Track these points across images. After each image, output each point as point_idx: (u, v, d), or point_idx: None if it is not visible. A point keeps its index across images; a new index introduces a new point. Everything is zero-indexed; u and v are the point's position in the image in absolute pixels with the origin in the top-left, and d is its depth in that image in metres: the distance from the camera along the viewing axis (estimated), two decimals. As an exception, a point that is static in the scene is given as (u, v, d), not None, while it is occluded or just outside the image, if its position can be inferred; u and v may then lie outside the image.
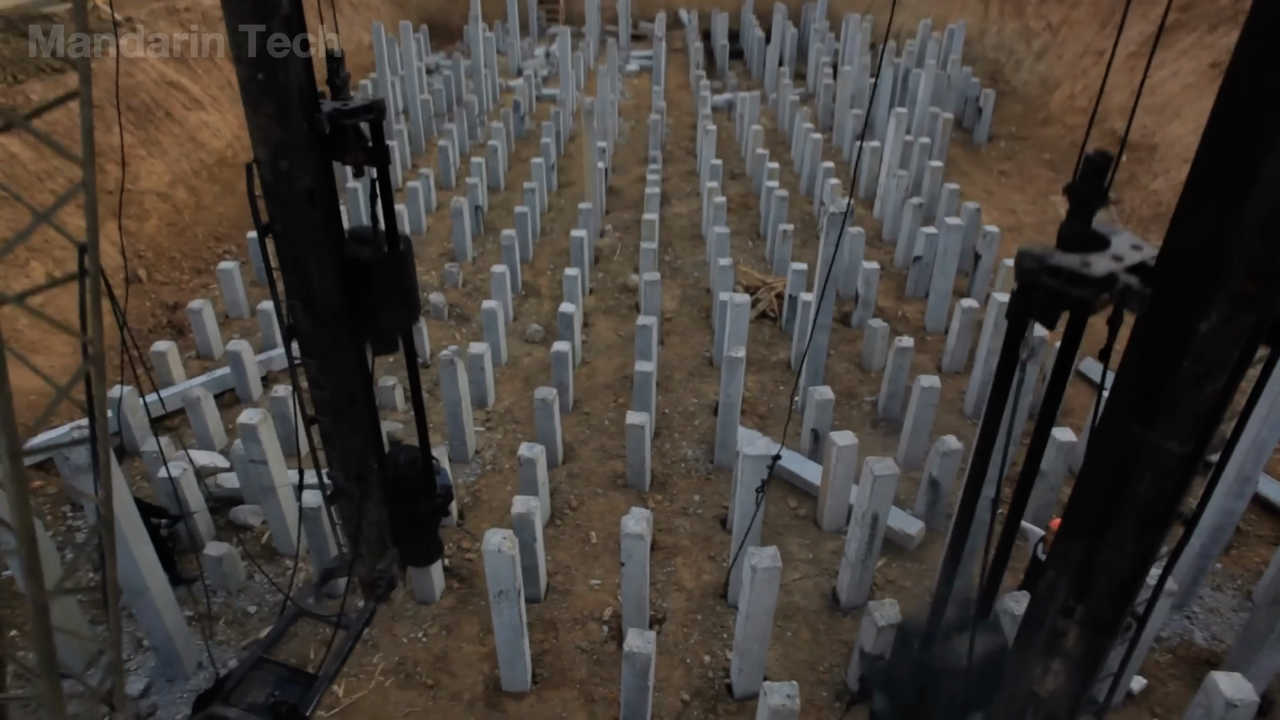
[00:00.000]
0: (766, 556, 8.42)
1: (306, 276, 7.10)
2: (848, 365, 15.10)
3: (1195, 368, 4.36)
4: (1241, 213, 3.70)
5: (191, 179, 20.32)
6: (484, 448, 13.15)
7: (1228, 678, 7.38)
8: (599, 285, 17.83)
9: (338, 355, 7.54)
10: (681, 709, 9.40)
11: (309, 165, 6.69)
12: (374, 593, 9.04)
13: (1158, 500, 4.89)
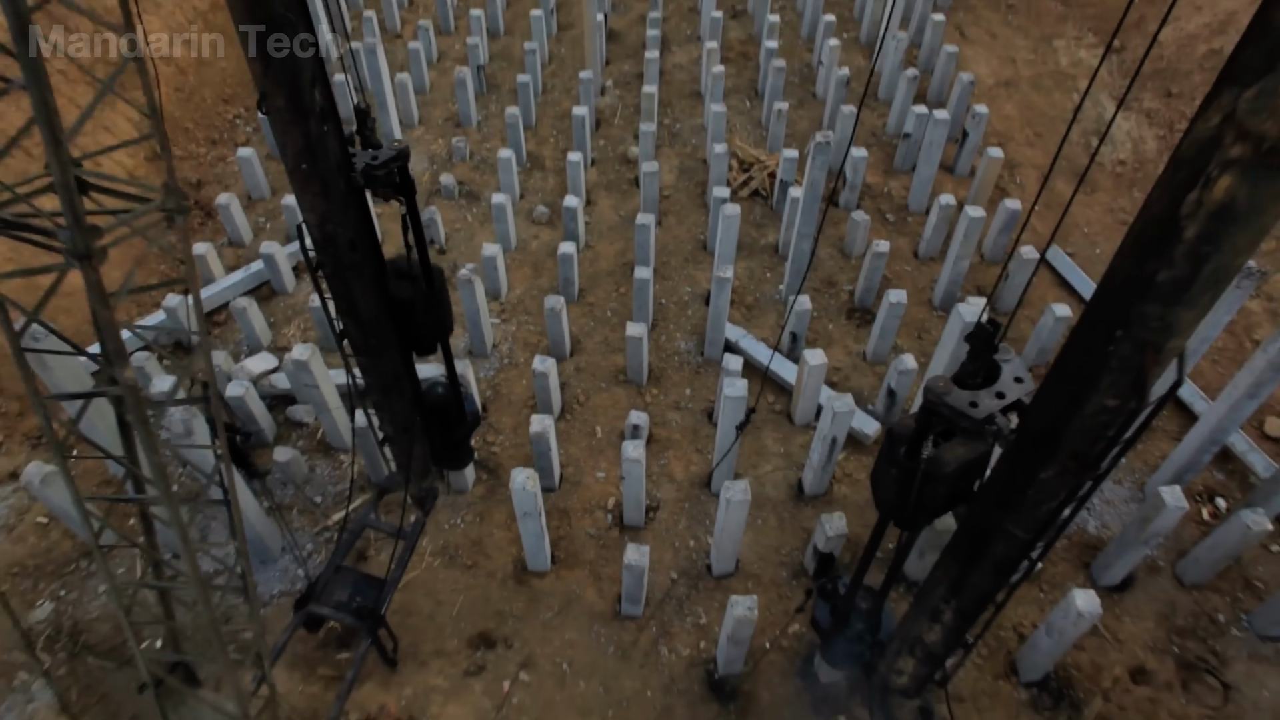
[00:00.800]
0: (739, 490, 10.42)
1: (354, 304, 8.53)
2: (831, 251, 16.31)
3: (1036, 494, 6.13)
4: (1072, 415, 5.28)
5: (188, 30, 20.21)
6: (500, 341, 14.81)
7: (1084, 594, 9.62)
8: (600, 155, 18.50)
9: (383, 355, 9.10)
10: (670, 585, 11.87)
11: (350, 221, 7.94)
12: (423, 506, 11.21)
13: (1006, 558, 6.82)
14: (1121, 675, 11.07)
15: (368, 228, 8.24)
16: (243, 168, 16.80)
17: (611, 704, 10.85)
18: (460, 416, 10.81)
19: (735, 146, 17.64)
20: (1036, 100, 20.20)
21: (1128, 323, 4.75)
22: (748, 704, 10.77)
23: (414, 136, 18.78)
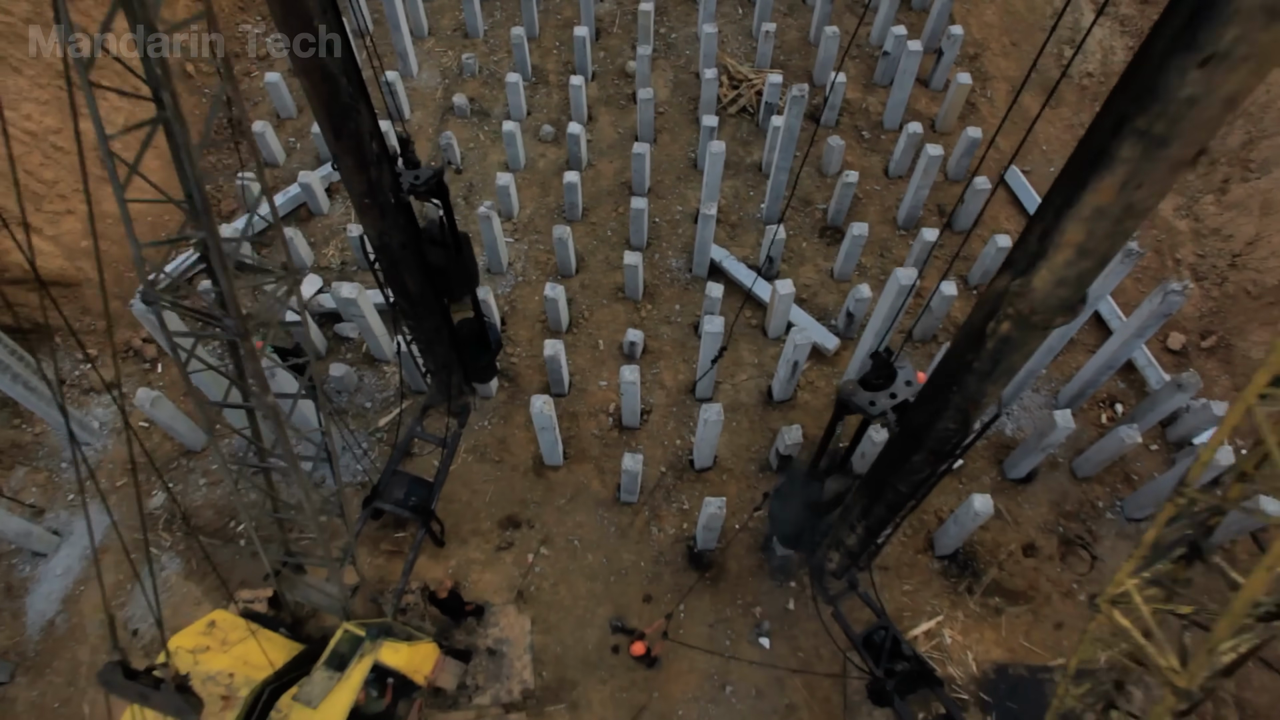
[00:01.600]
0: (714, 412, 12.94)
1: (404, 285, 10.78)
2: (809, 170, 17.99)
3: (910, 469, 8.68)
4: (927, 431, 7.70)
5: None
6: (515, 259, 16.88)
7: (981, 498, 12.34)
8: (600, 68, 19.67)
9: (426, 315, 11.39)
10: (660, 477, 14.66)
11: (400, 229, 10.08)
12: (460, 419, 13.81)
13: (895, 502, 9.48)
14: (1015, 550, 14.05)
15: (414, 232, 10.29)
16: (270, 92, 18.18)
17: (613, 571, 13.91)
18: (486, 345, 13.24)
19: (725, 62, 18.84)
20: (1018, 6, 21.00)
21: (958, 387, 7.06)
22: (720, 573, 13.82)
23: (425, 49, 19.89)
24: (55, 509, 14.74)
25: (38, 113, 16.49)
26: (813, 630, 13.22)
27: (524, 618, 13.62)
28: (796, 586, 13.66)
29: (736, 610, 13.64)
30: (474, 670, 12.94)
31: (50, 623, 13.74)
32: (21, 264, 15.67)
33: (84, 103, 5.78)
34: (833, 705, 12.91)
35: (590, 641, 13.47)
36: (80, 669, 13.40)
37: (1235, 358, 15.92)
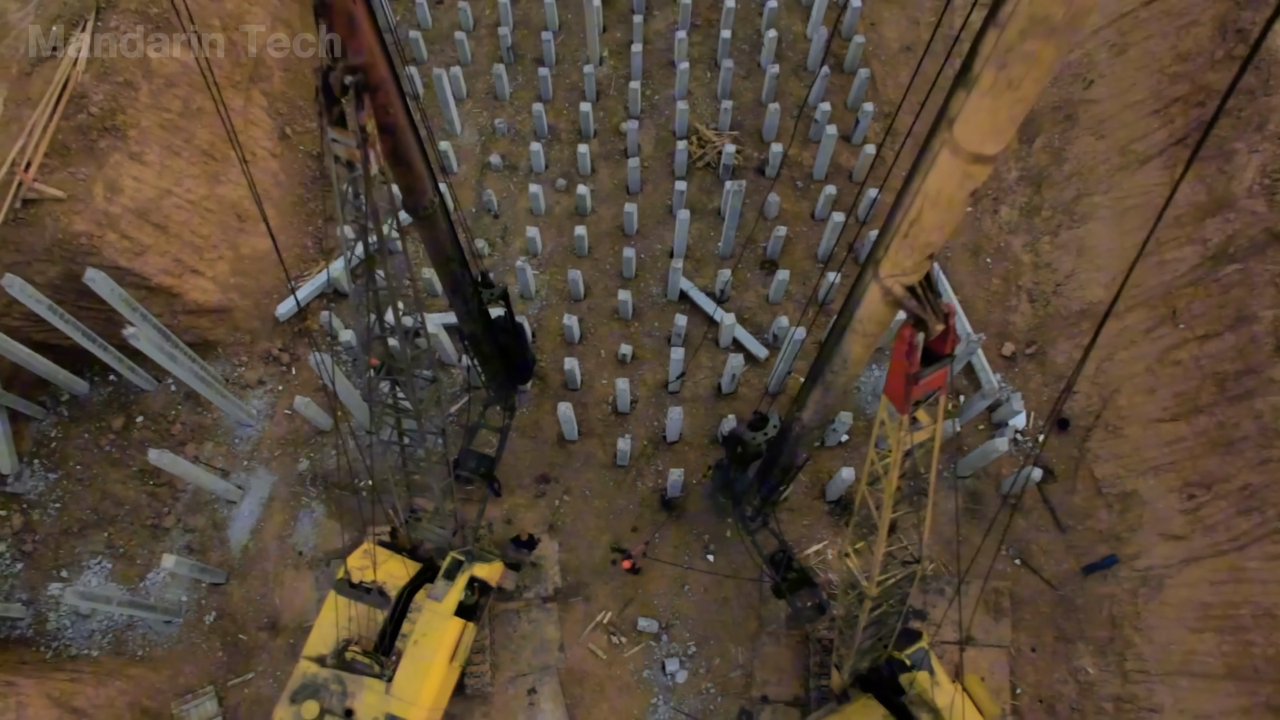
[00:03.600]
0: (676, 414, 19.80)
1: (480, 350, 17.45)
2: (754, 214, 24.21)
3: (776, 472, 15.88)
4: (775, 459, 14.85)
5: (277, 9, 26.27)
6: (540, 288, 23.40)
7: (848, 469, 19.29)
8: (600, 125, 25.60)
9: (491, 360, 18.12)
10: (643, 448, 21.64)
11: (478, 322, 16.65)
12: (511, 412, 20.67)
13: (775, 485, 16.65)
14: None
15: (488, 324, 16.91)
16: (355, 158, 24.24)
17: (612, 511, 21.06)
18: (529, 370, 20.07)
19: (695, 126, 24.82)
20: (929, 68, 26.59)
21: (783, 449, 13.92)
22: (682, 512, 20.97)
23: (465, 110, 25.79)
24: (236, 471, 21.83)
25: (194, 185, 22.69)
26: (740, 551, 20.44)
27: (554, 542, 20.88)
28: (732, 522, 20.82)
29: (692, 537, 20.88)
30: (523, 576, 20.25)
31: (245, 547, 21.03)
32: (196, 298, 22.26)
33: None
34: (752, 598, 20.28)
35: (597, 557, 20.76)
36: (268, 575, 20.76)
37: (1048, 361, 22.62)
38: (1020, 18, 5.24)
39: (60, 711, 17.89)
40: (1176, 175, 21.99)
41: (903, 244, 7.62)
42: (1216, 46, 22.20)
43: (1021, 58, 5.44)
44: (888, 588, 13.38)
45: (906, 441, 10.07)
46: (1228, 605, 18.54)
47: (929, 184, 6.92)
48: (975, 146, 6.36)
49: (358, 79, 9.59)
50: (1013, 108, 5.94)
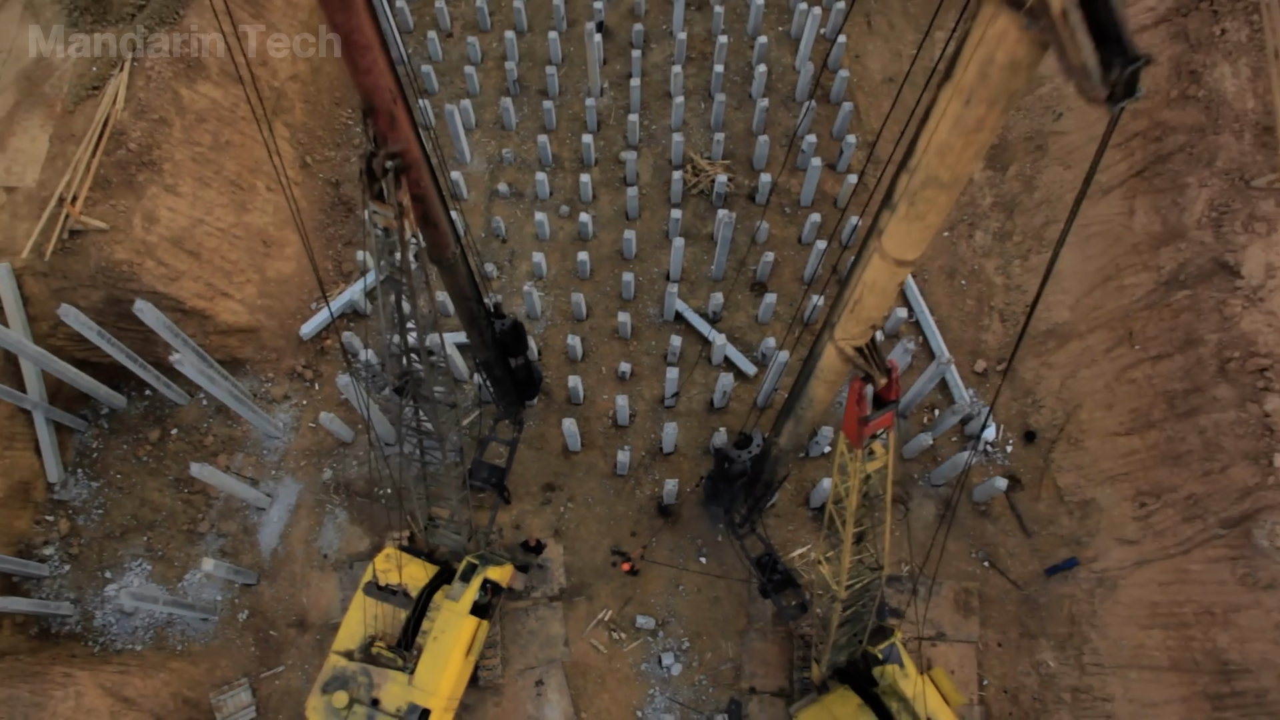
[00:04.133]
0: (672, 429, 21.56)
1: (493, 374, 19.23)
2: (745, 238, 25.92)
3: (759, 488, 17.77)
4: (755, 481, 16.70)
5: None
6: (545, 309, 25.14)
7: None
8: (600, 155, 27.28)
9: (502, 380, 19.92)
10: (641, 459, 23.41)
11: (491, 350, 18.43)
12: (519, 427, 22.46)
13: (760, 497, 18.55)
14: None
15: (502, 355, 18.66)
16: (373, 187, 25.97)
17: (613, 517, 22.84)
18: (536, 387, 21.83)
19: (690, 155, 26.53)
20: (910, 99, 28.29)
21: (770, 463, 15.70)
22: (677, 518, 22.74)
23: (474, 140, 27.47)
24: (265, 480, 23.61)
25: (224, 213, 24.42)
26: (730, 554, 22.22)
27: (559, 545, 22.66)
28: (722, 527, 22.60)
29: (686, 541, 22.67)
30: (531, 578, 22.04)
31: (274, 550, 22.82)
32: (226, 319, 24.00)
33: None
34: (741, 597, 22.08)
35: (598, 559, 22.55)
36: (296, 576, 22.56)
37: (1017, 378, 24.37)
38: (920, 172, 6.93)
39: (112, 700, 19.70)
40: (1135, 205, 23.79)
41: (850, 317, 9.36)
42: (1172, 86, 23.91)
43: (924, 200, 7.15)
44: (855, 591, 15.15)
45: (863, 470, 11.82)
46: (1173, 604, 20.34)
47: (866, 276, 8.65)
48: (897, 254, 8.09)
49: (396, 163, 11.32)
50: (922, 231, 7.66)
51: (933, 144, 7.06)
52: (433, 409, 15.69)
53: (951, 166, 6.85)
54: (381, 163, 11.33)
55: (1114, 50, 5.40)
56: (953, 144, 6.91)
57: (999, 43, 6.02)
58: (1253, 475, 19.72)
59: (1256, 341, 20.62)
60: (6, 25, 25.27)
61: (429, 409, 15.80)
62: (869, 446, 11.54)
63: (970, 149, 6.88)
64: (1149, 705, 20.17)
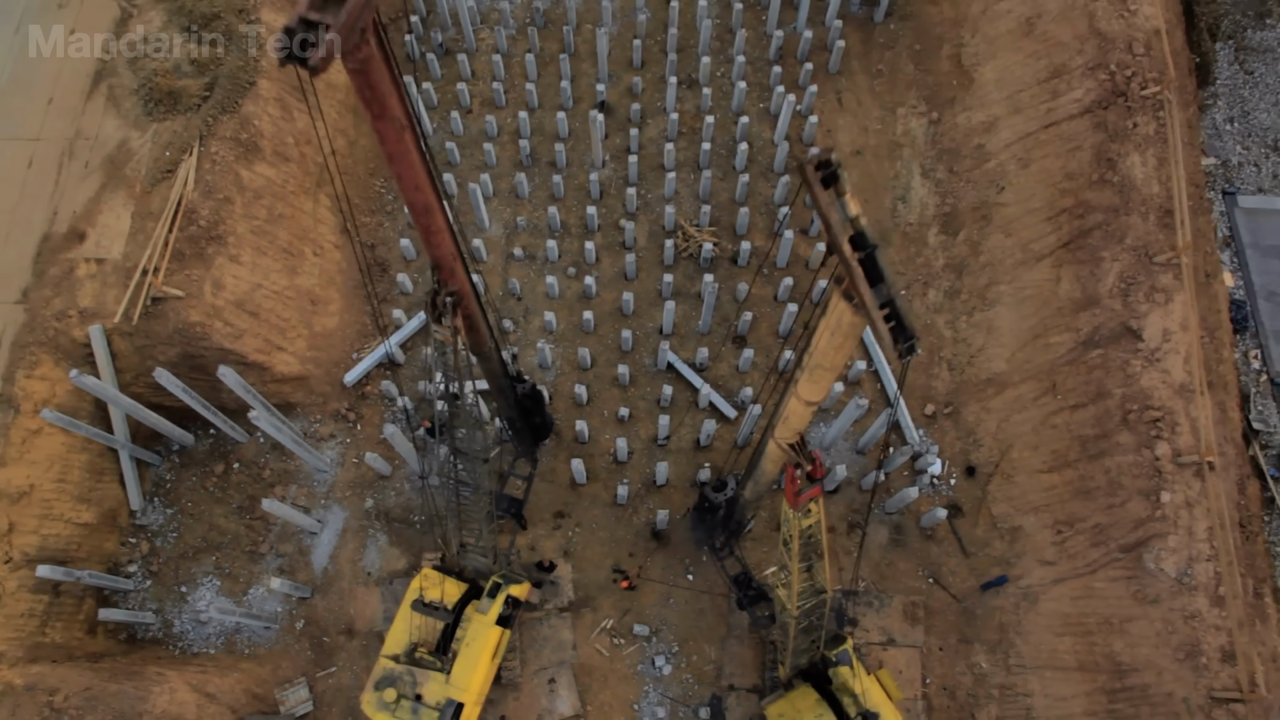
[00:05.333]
0: (664, 467, 25.58)
1: (514, 423, 23.32)
2: (729, 297, 29.89)
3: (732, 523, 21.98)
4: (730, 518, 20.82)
5: (337, 119, 31.95)
6: (555, 359, 29.12)
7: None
8: (602, 221, 31.25)
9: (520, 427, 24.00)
10: (638, 491, 27.44)
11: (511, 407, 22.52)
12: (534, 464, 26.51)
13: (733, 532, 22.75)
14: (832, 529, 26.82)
15: (523, 409, 22.69)
16: (402, 248, 29.98)
17: (613, 540, 26.88)
18: (548, 429, 25.88)
19: (681, 223, 30.51)
20: (874, 169, 32.32)
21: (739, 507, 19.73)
22: (668, 541, 26.77)
23: (492, 207, 31.45)
24: (315, 508, 27.61)
25: (278, 277, 28.37)
26: (713, 572, 26.22)
27: (568, 564, 26.68)
28: (706, 550, 26.61)
29: (676, 561, 26.69)
30: (544, 592, 26.06)
31: (325, 568, 26.84)
32: (281, 369, 27.96)
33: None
34: (722, 609, 26.12)
35: (602, 576, 26.58)
36: (344, 591, 26.56)
37: (961, 420, 28.35)
38: (813, 361, 10.89)
39: (197, 695, 23.73)
40: (1061, 273, 27.78)
41: (783, 426, 13.33)
42: (1093, 170, 27.89)
43: (816, 375, 11.11)
44: (805, 610, 19.14)
45: (801, 524, 15.81)
46: (1080, 615, 24.36)
47: (789, 407, 12.62)
48: (806, 398, 12.06)
49: (454, 299, 15.30)
50: (819, 389, 11.63)
51: (816, 350, 11.06)
52: (471, 465, 19.69)
53: (828, 362, 10.79)
54: (443, 299, 15.31)
55: (900, 332, 9.34)
56: (827, 352, 10.87)
57: (842, 313, 9.96)
58: (1145, 509, 23.76)
59: (1152, 396, 24.66)
60: (93, 115, 29.27)
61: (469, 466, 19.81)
62: (805, 508, 15.50)
63: (837, 356, 10.88)
64: (1060, 699, 24.18)
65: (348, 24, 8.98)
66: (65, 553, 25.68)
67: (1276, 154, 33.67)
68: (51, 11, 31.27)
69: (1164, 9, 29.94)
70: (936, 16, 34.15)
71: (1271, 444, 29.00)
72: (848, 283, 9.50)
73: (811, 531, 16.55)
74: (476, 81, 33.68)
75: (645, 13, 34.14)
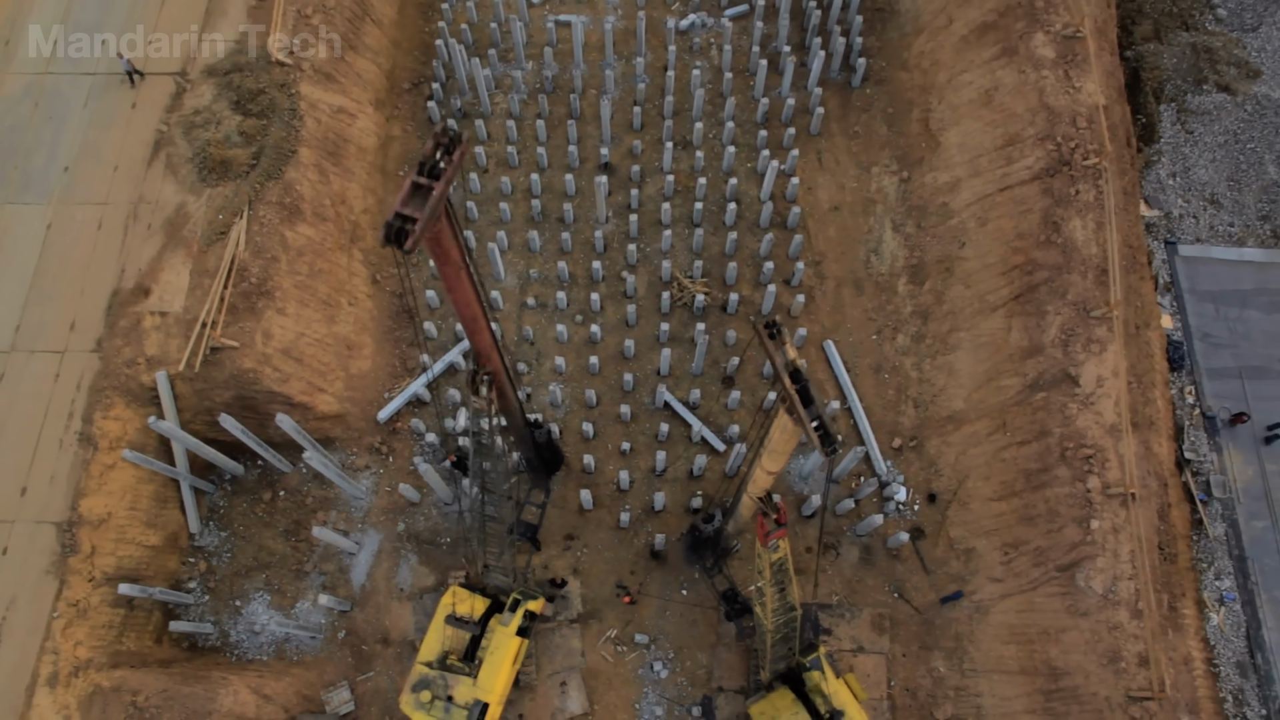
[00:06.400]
0: (660, 496, 29.27)
1: (530, 461, 27.06)
2: (719, 342, 33.55)
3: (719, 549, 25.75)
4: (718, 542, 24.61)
5: (367, 180, 35.65)
6: (565, 398, 32.80)
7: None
8: (606, 273, 34.92)
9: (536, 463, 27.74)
10: (638, 516, 31.09)
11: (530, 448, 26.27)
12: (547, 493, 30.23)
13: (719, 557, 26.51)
14: (803, 550, 30.49)
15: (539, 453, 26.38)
16: (427, 299, 33.68)
17: (616, 560, 30.56)
18: (559, 462, 29.59)
19: (676, 276, 34.19)
20: (850, 224, 35.98)
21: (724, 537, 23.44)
22: (666, 560, 30.44)
23: (508, 260, 35.11)
24: (353, 531, 31.28)
25: (318, 326, 32.02)
26: (704, 588, 29.88)
27: (577, 581, 30.34)
28: (698, 569, 30.27)
29: (672, 578, 30.36)
30: (556, 606, 29.73)
31: (363, 585, 30.50)
32: (322, 409, 31.61)
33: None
34: (712, 620, 29.78)
35: (607, 591, 30.25)
36: (380, 605, 30.22)
37: (924, 452, 32.02)
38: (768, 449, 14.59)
39: (257, 697, 27.39)
40: (1012, 323, 31.46)
41: (752, 486, 17.00)
42: (1041, 231, 31.58)
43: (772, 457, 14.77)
44: (779, 624, 22.81)
45: (771, 557, 19.47)
46: (1024, 626, 28.02)
47: (754, 475, 16.28)
48: (768, 469, 15.72)
49: (488, 377, 18.96)
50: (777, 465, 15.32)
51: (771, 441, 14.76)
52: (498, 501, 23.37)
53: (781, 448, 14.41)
54: (480, 377, 18.98)
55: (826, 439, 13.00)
56: (779, 442, 14.52)
57: (785, 423, 13.63)
58: (1078, 534, 27.44)
59: (1086, 436, 28.35)
60: (153, 181, 32.96)
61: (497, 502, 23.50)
62: (774, 545, 19.13)
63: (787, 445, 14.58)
64: (1005, 699, 27.85)
65: (429, 216, 12.61)
66: (136, 572, 29.31)
67: (1213, 207, 37.41)
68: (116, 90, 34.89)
69: (1105, 86, 33.67)
70: (908, 83, 37.86)
71: (1202, 471, 32.70)
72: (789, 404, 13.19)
73: (781, 562, 20.19)
74: (492, 143, 37.38)
75: (644, 80, 37.87)
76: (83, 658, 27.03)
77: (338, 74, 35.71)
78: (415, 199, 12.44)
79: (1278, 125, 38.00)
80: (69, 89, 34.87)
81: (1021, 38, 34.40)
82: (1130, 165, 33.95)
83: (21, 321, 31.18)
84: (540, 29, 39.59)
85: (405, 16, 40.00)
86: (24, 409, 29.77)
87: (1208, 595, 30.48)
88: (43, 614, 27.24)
